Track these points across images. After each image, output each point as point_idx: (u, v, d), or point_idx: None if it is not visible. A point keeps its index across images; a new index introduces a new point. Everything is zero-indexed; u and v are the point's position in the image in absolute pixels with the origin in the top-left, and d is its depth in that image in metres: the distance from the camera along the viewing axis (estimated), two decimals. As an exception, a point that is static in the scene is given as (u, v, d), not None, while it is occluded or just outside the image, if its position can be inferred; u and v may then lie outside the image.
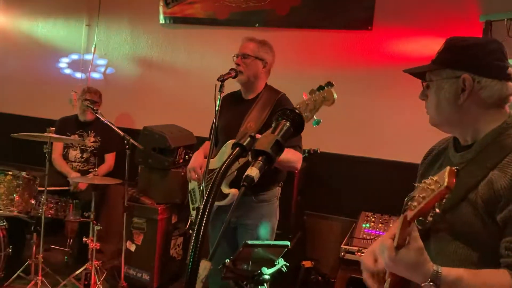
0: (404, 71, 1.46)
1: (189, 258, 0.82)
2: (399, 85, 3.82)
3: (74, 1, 4.93)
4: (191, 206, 2.97)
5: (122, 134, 3.52)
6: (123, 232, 3.55)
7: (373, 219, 3.49)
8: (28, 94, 5.12)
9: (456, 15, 3.62)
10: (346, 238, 3.33)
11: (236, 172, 2.50)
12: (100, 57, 4.81)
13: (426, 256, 1.13)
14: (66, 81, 4.88)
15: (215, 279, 2.61)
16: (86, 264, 3.47)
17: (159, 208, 3.72)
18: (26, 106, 5.09)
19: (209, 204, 0.82)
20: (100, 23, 4.78)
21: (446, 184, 1.00)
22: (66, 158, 4.19)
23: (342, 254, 3.16)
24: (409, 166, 3.75)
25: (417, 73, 1.43)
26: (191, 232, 2.63)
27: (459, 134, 1.39)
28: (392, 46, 3.85)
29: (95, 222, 3.47)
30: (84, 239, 3.47)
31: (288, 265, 2.15)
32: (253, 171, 0.91)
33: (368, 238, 3.24)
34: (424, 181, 1.08)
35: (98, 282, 3.45)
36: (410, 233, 1.10)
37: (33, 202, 3.45)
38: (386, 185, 3.83)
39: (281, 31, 4.10)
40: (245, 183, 0.91)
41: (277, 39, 3.00)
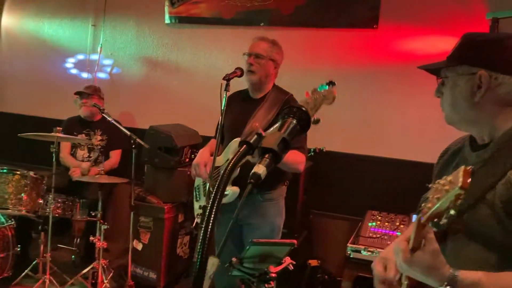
0: (418, 68, 1.41)
1: (197, 254, 0.83)
2: (405, 83, 3.82)
3: (80, 1, 4.95)
4: (195, 203, 2.99)
5: (128, 133, 3.54)
6: (130, 231, 3.57)
7: (379, 218, 3.48)
8: (34, 94, 5.15)
9: (462, 13, 3.60)
10: (352, 237, 3.32)
11: (239, 170, 2.51)
12: (106, 57, 4.83)
13: (442, 258, 1.09)
14: (73, 81, 4.90)
15: (221, 277, 2.63)
16: (93, 263, 3.49)
17: (166, 207, 3.73)
18: (33, 106, 5.12)
19: (217, 200, 0.83)
20: (106, 23, 4.80)
21: (461, 184, 0.96)
22: (74, 158, 4.22)
23: (348, 253, 3.15)
24: (415, 165, 3.76)
25: (432, 69, 1.39)
26: (196, 231, 2.63)
27: (476, 133, 1.33)
28: (397, 45, 3.84)
29: (102, 221, 3.49)
30: (91, 238, 3.49)
31: (294, 263, 2.16)
32: (260, 169, 0.91)
33: (374, 236, 3.24)
34: (438, 181, 1.03)
35: (105, 281, 3.47)
36: (426, 235, 1.06)
37: (40, 201, 3.48)
38: (392, 183, 3.82)
39: (286, 30, 4.10)
40: (252, 180, 0.91)
41: (282, 38, 2.99)
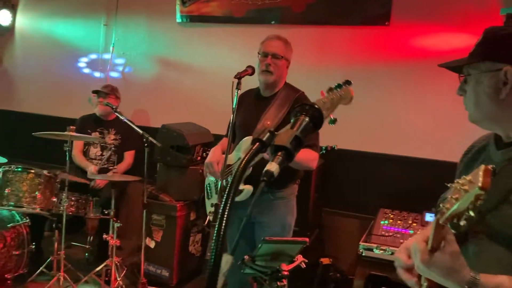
0: (439, 66, 1.37)
1: (211, 252, 0.83)
2: (418, 81, 3.78)
3: (92, 1, 4.99)
4: (207, 201, 2.99)
5: (141, 132, 3.56)
6: (143, 229, 3.59)
7: (391, 216, 3.46)
8: (48, 93, 5.21)
9: (476, 9, 3.56)
10: (364, 235, 3.31)
11: (251, 168, 2.51)
12: (118, 56, 4.87)
13: (463, 261, 1.04)
14: (85, 80, 4.95)
15: (234, 275, 2.64)
16: (107, 260, 3.52)
17: (178, 205, 3.75)
18: (47, 105, 5.19)
19: (230, 198, 0.83)
20: (118, 23, 4.83)
21: (481, 184, 0.91)
22: (86, 155, 4.25)
23: (361, 251, 3.14)
24: (428, 163, 3.74)
25: (453, 67, 1.33)
26: (209, 228, 2.64)
27: (501, 131, 1.29)
28: (410, 42, 3.80)
29: (115, 219, 3.52)
30: (104, 236, 3.52)
31: (306, 261, 2.16)
32: (272, 166, 0.91)
33: (386, 235, 3.22)
34: (457, 181, 0.99)
35: (118, 279, 3.50)
36: (445, 236, 1.03)
37: (54, 199, 3.51)
38: (404, 181, 3.80)
39: (297, 28, 4.09)
40: (264, 178, 0.91)
41: (293, 36, 2.99)
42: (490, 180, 0.92)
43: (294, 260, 2.13)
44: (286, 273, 2.06)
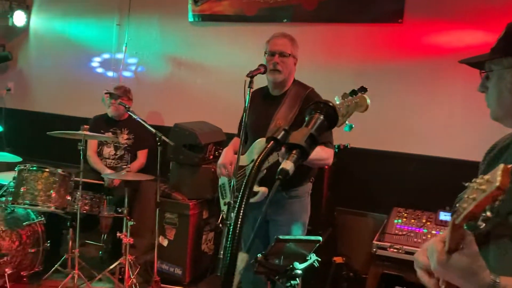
0: (460, 62, 1.33)
1: (224, 251, 0.83)
2: (431, 79, 3.75)
3: (105, 1, 5.03)
4: (221, 201, 3.00)
5: (154, 131, 3.58)
6: (156, 227, 3.61)
7: (405, 215, 3.44)
8: (62, 93, 5.26)
9: (490, 5, 3.51)
10: (378, 234, 3.29)
11: (265, 171, 2.50)
12: (131, 56, 4.89)
13: (482, 263, 0.99)
14: (99, 80, 4.99)
15: (247, 273, 2.64)
16: (120, 258, 3.55)
17: (191, 203, 3.77)
18: (60, 105, 5.24)
19: (245, 195, 0.83)
20: (130, 23, 4.86)
21: (498, 184, 0.86)
22: (100, 155, 4.27)
23: (374, 250, 3.13)
24: (441, 161, 3.70)
25: (474, 63, 1.30)
26: (222, 227, 2.65)
27: None
28: (424, 39, 3.76)
29: (129, 217, 3.54)
30: (118, 234, 3.55)
31: (320, 260, 2.15)
32: (287, 165, 0.91)
33: (400, 234, 3.20)
34: (475, 180, 0.94)
35: (132, 277, 3.52)
36: (464, 236, 0.98)
37: (68, 198, 3.55)
38: (418, 180, 3.77)
39: (309, 26, 4.07)
40: (280, 176, 0.91)
41: (305, 34, 2.99)
42: (509, 180, 0.88)
43: (307, 258, 2.13)
44: (299, 271, 2.06)
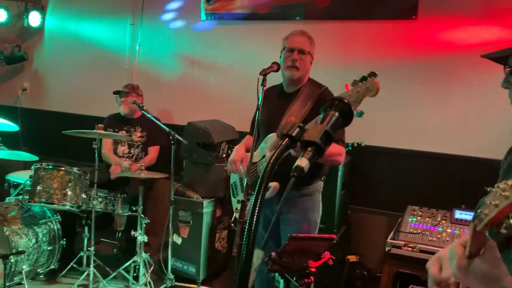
0: (482, 56, 1.29)
1: (239, 248, 0.83)
2: (446, 76, 3.71)
3: (119, 1, 5.06)
4: (233, 199, 3.00)
5: (167, 130, 3.60)
6: (170, 225, 3.63)
7: (420, 213, 3.41)
8: (76, 92, 5.32)
9: (507, 0, 3.46)
10: (392, 232, 3.27)
11: (276, 166, 2.49)
12: (144, 55, 4.92)
13: (504, 268, 0.95)
14: (112, 79, 5.02)
15: (260, 271, 2.65)
16: (135, 256, 3.58)
17: (204, 201, 3.78)
18: (75, 104, 5.29)
19: (261, 193, 0.83)
20: (143, 22, 4.89)
21: None
22: (115, 153, 4.30)
23: (388, 248, 3.11)
24: (456, 159, 3.66)
25: (497, 58, 1.27)
26: (234, 226, 2.65)
27: None
28: (438, 36, 3.72)
29: (143, 215, 3.57)
30: (132, 232, 3.58)
31: (334, 258, 2.15)
32: (302, 162, 0.91)
33: (415, 232, 3.17)
34: (497, 185, 0.90)
35: (147, 274, 3.56)
36: (485, 241, 0.94)
37: (84, 196, 3.58)
38: (433, 178, 3.74)
39: (322, 24, 4.05)
40: (295, 174, 0.90)
41: (318, 32, 2.96)
42: None
43: (321, 257, 2.13)
44: (313, 270, 2.06)
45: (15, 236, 3.37)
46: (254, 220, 0.81)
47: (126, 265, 3.62)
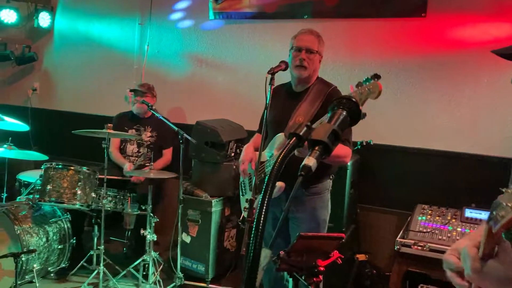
0: (492, 52, 1.27)
1: (247, 247, 0.83)
2: (455, 73, 3.68)
3: (127, 1, 5.08)
4: (242, 197, 3.01)
5: (176, 129, 3.61)
6: (179, 224, 3.64)
7: (429, 212, 3.38)
8: (86, 92, 5.35)
9: (517, -3, 3.43)
10: (401, 231, 3.25)
11: (283, 165, 2.48)
12: (153, 55, 4.94)
13: None
14: (121, 78, 5.05)
15: (269, 270, 2.65)
16: (144, 255, 3.60)
17: (213, 200, 3.79)
18: (85, 103, 5.33)
19: (268, 192, 0.83)
20: (152, 22, 4.90)
21: None
22: (123, 152, 4.32)
23: (398, 247, 3.09)
24: (466, 157, 3.63)
25: (508, 54, 1.25)
26: (242, 224, 2.65)
27: None
28: (447, 33, 3.69)
29: (152, 214, 3.59)
30: (141, 231, 3.60)
31: (343, 257, 2.14)
32: (310, 161, 0.90)
33: (424, 231, 3.15)
34: None
35: (156, 273, 3.57)
36: (499, 242, 0.93)
37: (93, 195, 3.61)
38: (442, 176, 3.71)
39: (330, 22, 4.03)
40: (302, 173, 0.90)
41: (326, 30, 2.96)
42: None
43: (330, 256, 2.12)
44: (322, 268, 2.05)
45: (26, 235, 3.40)
46: (262, 219, 0.81)
47: (135, 263, 3.64)
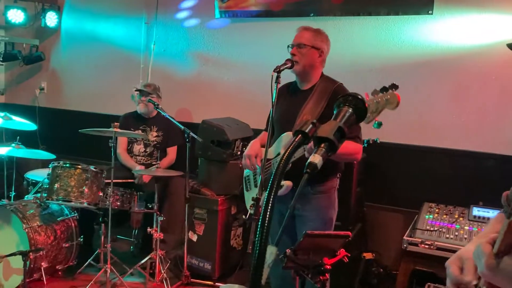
0: (507, 45, 1.27)
1: (253, 245, 0.83)
2: (462, 71, 3.66)
3: (133, 0, 5.09)
4: (246, 193, 3.00)
5: (182, 128, 3.62)
6: (185, 222, 3.65)
7: (437, 210, 3.37)
8: (92, 91, 5.37)
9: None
10: (408, 230, 3.24)
11: (290, 164, 2.48)
12: (159, 53, 4.95)
13: None
14: (128, 78, 5.06)
15: (276, 267, 2.64)
16: (151, 253, 3.61)
17: (219, 199, 3.79)
18: (92, 103, 5.35)
19: (273, 190, 0.83)
20: (158, 21, 4.91)
21: None
22: (130, 152, 4.33)
23: (405, 245, 3.08)
24: (474, 155, 3.61)
25: None
26: (247, 221, 2.65)
27: None
28: (454, 31, 3.66)
29: (159, 213, 3.60)
30: (148, 230, 3.61)
31: (349, 256, 2.14)
32: (316, 158, 0.90)
33: (431, 229, 3.14)
34: None
35: (163, 271, 3.58)
36: None
37: (100, 194, 3.62)
38: (450, 175, 3.69)
39: (336, 20, 4.02)
40: (308, 170, 0.90)
41: (333, 28, 2.95)
42: None
43: (336, 254, 2.12)
44: (328, 267, 2.05)
45: (34, 233, 3.42)
46: (267, 216, 0.81)
47: (142, 262, 3.65)
